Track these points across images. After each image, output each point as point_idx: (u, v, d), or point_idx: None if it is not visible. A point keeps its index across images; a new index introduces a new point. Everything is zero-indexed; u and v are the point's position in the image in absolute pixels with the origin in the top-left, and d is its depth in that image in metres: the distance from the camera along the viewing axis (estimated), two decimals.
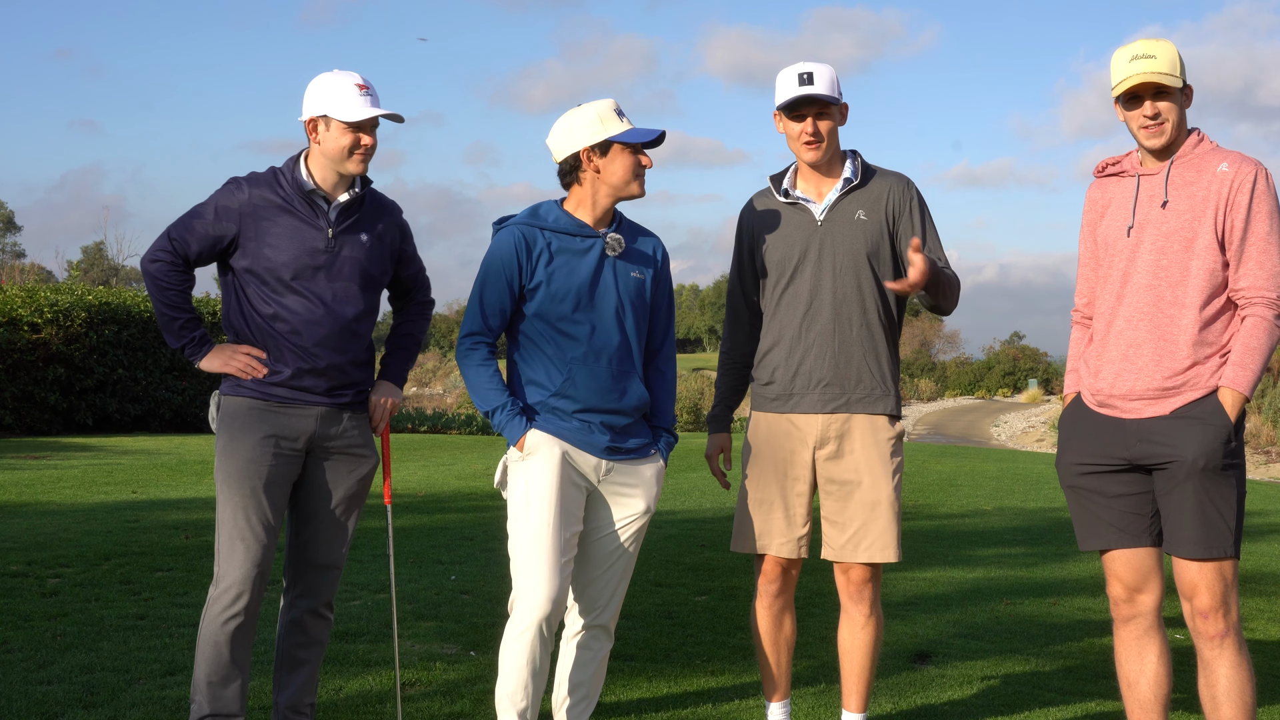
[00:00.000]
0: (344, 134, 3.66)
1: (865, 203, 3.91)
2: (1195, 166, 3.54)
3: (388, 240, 3.88)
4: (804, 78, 3.81)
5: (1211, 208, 3.47)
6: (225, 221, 3.69)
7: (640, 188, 3.71)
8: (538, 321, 3.70)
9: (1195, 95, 3.60)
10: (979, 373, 75.54)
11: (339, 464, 3.84)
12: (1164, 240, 3.52)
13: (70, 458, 13.94)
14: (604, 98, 3.75)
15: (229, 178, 3.78)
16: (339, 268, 3.74)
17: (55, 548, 7.31)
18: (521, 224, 3.72)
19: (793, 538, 3.94)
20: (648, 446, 3.81)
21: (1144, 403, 3.51)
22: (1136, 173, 3.64)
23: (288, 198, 3.72)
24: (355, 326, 3.80)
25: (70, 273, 38.73)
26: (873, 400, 3.91)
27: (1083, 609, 6.67)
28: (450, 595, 6.37)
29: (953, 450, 23.38)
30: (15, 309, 17.53)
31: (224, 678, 3.69)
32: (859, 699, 4.02)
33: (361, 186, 3.81)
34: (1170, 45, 3.53)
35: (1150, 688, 3.65)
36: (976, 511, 11.45)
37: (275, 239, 3.68)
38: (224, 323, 3.84)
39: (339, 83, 3.67)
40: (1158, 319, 3.51)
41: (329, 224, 3.74)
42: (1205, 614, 3.48)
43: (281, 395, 3.73)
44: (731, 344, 4.14)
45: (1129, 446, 3.54)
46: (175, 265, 3.73)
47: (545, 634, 3.63)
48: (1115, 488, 3.60)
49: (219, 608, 3.68)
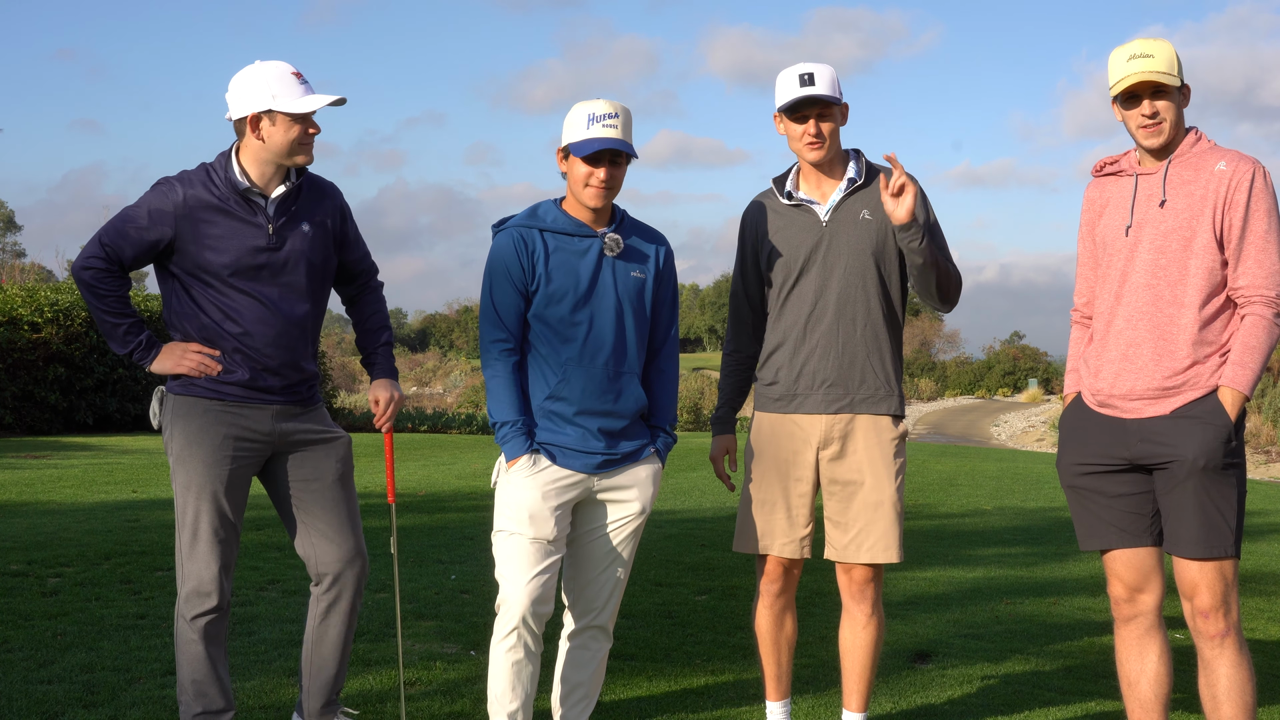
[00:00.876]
0: (291, 127, 3.59)
1: (870, 203, 3.90)
2: (1193, 165, 3.54)
3: (330, 225, 3.81)
4: (805, 78, 3.80)
5: (1210, 206, 3.47)
6: (160, 225, 3.59)
7: (591, 199, 3.61)
8: (536, 322, 3.69)
9: (1197, 95, 3.61)
10: (979, 372, 75.52)
11: (315, 453, 3.81)
12: (1162, 239, 3.51)
13: (70, 457, 13.94)
14: (600, 98, 3.66)
15: (159, 178, 3.68)
16: (283, 264, 3.68)
17: (55, 547, 7.31)
18: (519, 225, 3.70)
19: (795, 538, 3.94)
20: (644, 448, 3.80)
21: (1144, 402, 3.51)
22: (1134, 172, 3.64)
23: (223, 197, 3.62)
24: (305, 323, 3.76)
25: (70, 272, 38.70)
26: (876, 401, 3.91)
27: (1083, 609, 6.67)
28: (450, 595, 6.37)
29: (953, 450, 23.37)
30: (15, 308, 17.54)
31: (206, 675, 3.70)
32: (859, 699, 4.02)
33: (297, 175, 3.74)
34: (1168, 44, 3.53)
35: (1151, 687, 3.66)
36: (976, 511, 11.45)
37: (215, 241, 3.60)
38: (167, 323, 3.77)
39: (275, 74, 3.57)
40: (1157, 318, 3.51)
41: (268, 220, 3.66)
42: (1206, 613, 3.48)
43: (237, 395, 3.68)
44: (735, 345, 4.14)
45: (1129, 446, 3.54)
46: (110, 271, 3.64)
47: (529, 635, 3.63)
48: (1116, 488, 3.60)
49: (191, 609, 3.67)
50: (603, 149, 3.57)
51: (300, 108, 3.56)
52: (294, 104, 3.56)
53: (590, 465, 3.68)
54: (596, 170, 3.59)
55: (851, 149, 3.98)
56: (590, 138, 3.57)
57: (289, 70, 3.58)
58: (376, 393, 3.89)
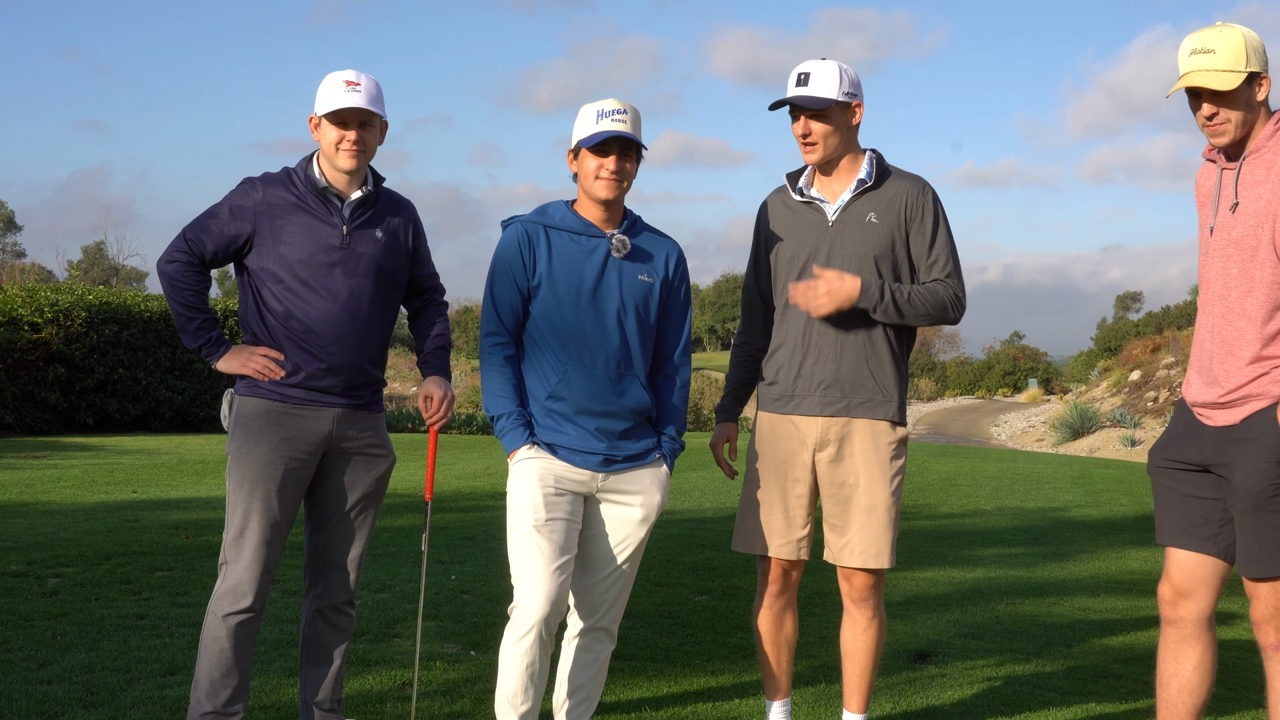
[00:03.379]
0: (330, 128, 3.70)
1: (878, 205, 3.86)
2: (1265, 163, 3.31)
3: (403, 237, 3.91)
4: (801, 78, 3.77)
5: (1272, 213, 3.28)
6: (240, 220, 3.71)
7: (602, 190, 3.65)
8: (540, 320, 3.69)
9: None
10: (979, 372, 75.54)
11: (356, 464, 3.86)
12: (1233, 247, 3.36)
13: (70, 457, 13.94)
14: (608, 98, 3.69)
15: (243, 178, 3.80)
16: (354, 264, 3.76)
17: (55, 547, 7.31)
18: (526, 221, 3.72)
19: (792, 539, 3.94)
20: (650, 451, 3.79)
21: (1218, 410, 3.44)
22: (1221, 165, 3.45)
23: (301, 195, 3.75)
24: (371, 324, 3.81)
25: (70, 272, 38.68)
26: (873, 406, 3.88)
27: (1083, 609, 6.67)
28: (450, 595, 6.37)
29: (953, 450, 23.37)
30: (15, 309, 17.52)
31: (224, 675, 3.70)
32: (860, 699, 4.02)
33: (374, 184, 3.84)
34: (1235, 34, 3.30)
35: (1180, 693, 3.59)
36: (976, 511, 11.45)
37: (290, 236, 3.71)
38: (241, 323, 3.88)
39: (331, 80, 3.71)
40: (1226, 330, 3.39)
41: (343, 220, 3.76)
42: (1259, 624, 3.43)
43: (298, 397, 3.74)
44: (746, 337, 4.12)
45: (1203, 451, 3.48)
46: (191, 265, 3.75)
47: (545, 636, 3.62)
48: (1188, 488, 3.54)
49: (224, 605, 3.69)
50: (611, 138, 3.59)
51: (326, 107, 3.68)
52: (321, 104, 3.70)
53: (592, 463, 3.68)
54: (606, 160, 3.61)
55: (870, 149, 3.91)
56: (599, 130, 3.60)
57: (345, 77, 3.71)
58: (429, 389, 3.93)
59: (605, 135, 3.58)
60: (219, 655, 3.69)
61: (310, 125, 3.77)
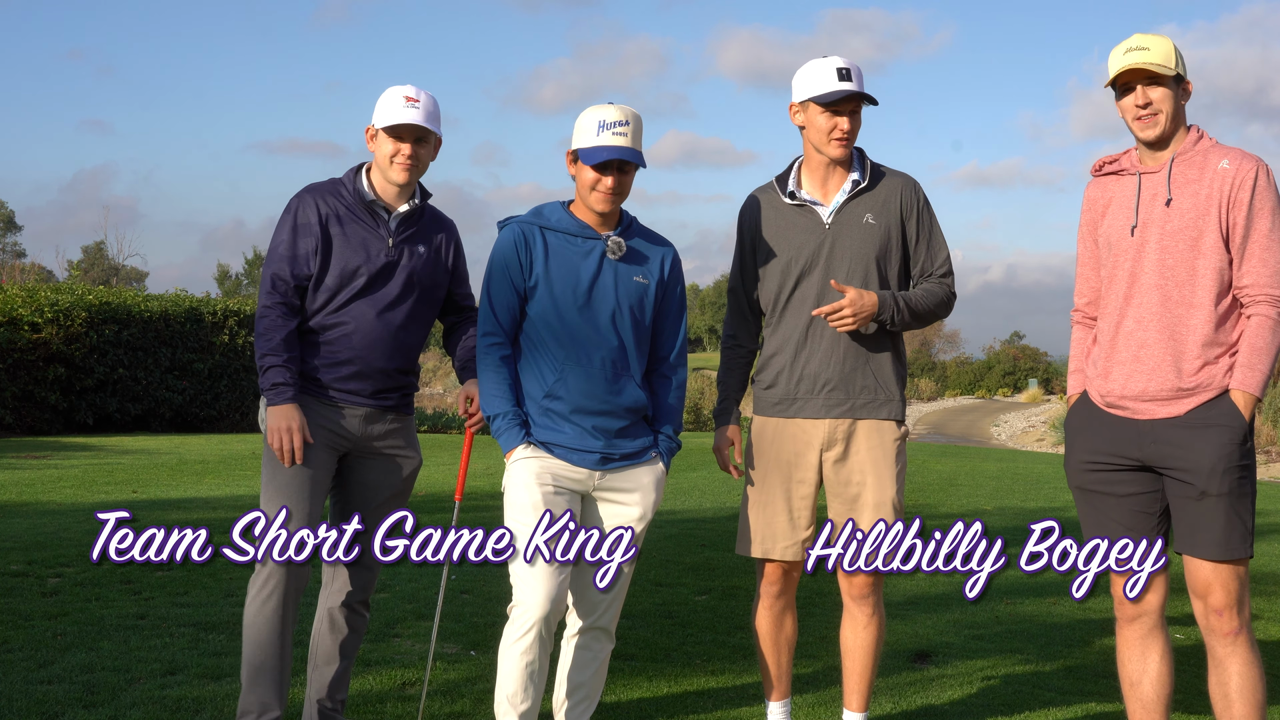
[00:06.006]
0: (386, 141, 3.77)
1: (873, 206, 3.88)
2: (1197, 164, 3.51)
3: (445, 255, 3.98)
4: (843, 73, 3.77)
5: (1215, 205, 3.45)
6: (307, 237, 3.77)
7: (599, 204, 3.67)
8: (536, 321, 3.70)
9: (1207, 96, 3.65)
10: (979, 372, 75.52)
11: (382, 464, 3.91)
12: (1169, 239, 3.49)
13: (70, 457, 13.94)
14: (612, 103, 3.68)
15: (293, 195, 3.83)
16: (398, 276, 3.83)
17: (55, 547, 7.30)
18: (523, 222, 3.73)
19: (796, 540, 3.94)
20: (647, 449, 3.80)
21: (1157, 404, 3.49)
22: (1137, 171, 3.61)
23: (351, 205, 3.82)
24: (404, 334, 3.87)
25: (71, 272, 38.74)
26: (876, 406, 3.90)
27: (1083, 609, 6.67)
28: (450, 595, 6.36)
29: (953, 450, 23.37)
30: (15, 308, 17.51)
31: (262, 664, 3.73)
32: (860, 699, 4.02)
33: (421, 199, 3.90)
34: (1166, 39, 3.52)
35: (1153, 687, 3.65)
36: (976, 511, 11.44)
37: (343, 245, 3.78)
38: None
39: (391, 94, 3.78)
40: (1167, 319, 3.49)
41: (389, 233, 3.83)
42: (1220, 611, 3.47)
43: (329, 395, 3.80)
44: (737, 339, 4.13)
45: (1141, 447, 3.53)
46: (288, 307, 3.76)
47: (544, 635, 3.63)
48: (1124, 487, 3.59)
49: (256, 590, 3.75)
50: (611, 158, 3.59)
51: (385, 121, 3.74)
52: (383, 119, 3.75)
53: (589, 462, 3.69)
54: (604, 178, 3.64)
55: (855, 148, 3.94)
56: (600, 145, 3.60)
57: (403, 93, 3.77)
58: (470, 390, 3.96)
59: (604, 156, 3.59)
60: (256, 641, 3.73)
61: (366, 135, 3.84)
